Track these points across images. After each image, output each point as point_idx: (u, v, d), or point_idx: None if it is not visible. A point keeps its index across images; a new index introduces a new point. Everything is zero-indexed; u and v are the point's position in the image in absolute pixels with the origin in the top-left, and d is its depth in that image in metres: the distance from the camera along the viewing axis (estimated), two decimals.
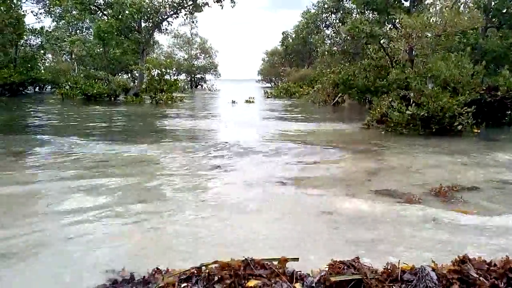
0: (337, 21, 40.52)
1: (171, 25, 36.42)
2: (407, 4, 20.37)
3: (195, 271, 2.54)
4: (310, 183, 6.43)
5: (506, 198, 5.67)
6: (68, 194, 5.60)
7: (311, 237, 4.13)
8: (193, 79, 64.72)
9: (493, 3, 18.85)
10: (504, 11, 18.99)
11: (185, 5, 33.82)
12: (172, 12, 34.41)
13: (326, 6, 42.62)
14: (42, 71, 37.45)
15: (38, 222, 4.45)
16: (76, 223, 4.46)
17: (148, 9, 32.07)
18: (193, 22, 52.77)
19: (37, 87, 40.22)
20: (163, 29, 36.47)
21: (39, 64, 37.86)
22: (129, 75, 47.41)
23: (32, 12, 36.43)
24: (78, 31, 46.52)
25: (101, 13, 32.70)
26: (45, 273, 3.34)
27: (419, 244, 3.89)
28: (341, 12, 38.98)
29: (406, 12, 18.17)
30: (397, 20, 19.30)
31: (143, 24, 33.20)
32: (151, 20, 33.57)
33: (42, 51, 39.74)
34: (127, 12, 29.50)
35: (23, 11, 32.67)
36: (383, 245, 3.88)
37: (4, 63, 32.34)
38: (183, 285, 2.44)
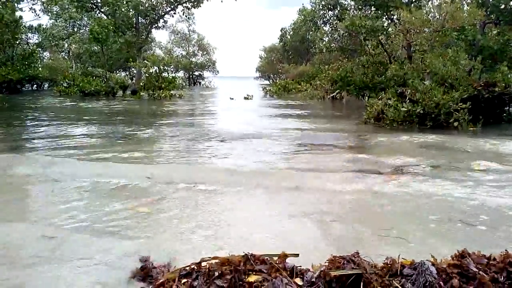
0: (335, 17, 40.45)
1: (167, 22, 36.55)
2: None
3: (195, 267, 2.54)
4: None
5: None
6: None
7: None
8: (191, 76, 64.64)
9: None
10: (502, 7, 18.98)
11: (183, 1, 33.74)
12: (169, 9, 34.35)
13: (323, 3, 42.57)
14: (40, 68, 37.39)
15: None
16: None
17: (145, 6, 32.02)
18: (189, 18, 52.71)
19: (35, 85, 40.14)
20: (160, 26, 36.51)
21: (37, 61, 37.79)
22: (127, 72, 47.37)
23: (30, 9, 36.31)
24: (75, 28, 46.42)
25: (97, 11, 32.64)
26: None
27: None
28: (338, 8, 38.90)
29: (405, 7, 18.15)
30: (396, 16, 19.31)
31: (140, 21, 33.14)
32: (148, 17, 33.52)
33: (39, 49, 39.65)
34: (123, 9, 29.44)
35: (19, 8, 32.62)
36: None
37: (1, 61, 32.29)
38: (183, 280, 2.44)
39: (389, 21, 21.50)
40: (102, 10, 31.85)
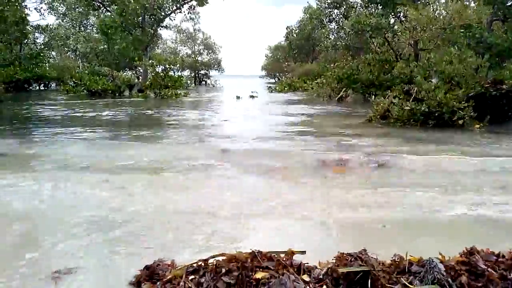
0: (341, 16, 40.39)
1: (172, 20, 36.83)
2: None
3: (203, 264, 2.54)
4: None
5: None
6: None
7: None
8: (197, 75, 64.63)
9: None
10: (509, 4, 18.79)
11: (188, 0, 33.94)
12: (175, 7, 34.50)
13: (329, 0, 42.50)
14: (47, 68, 37.63)
15: None
16: None
17: (152, 6, 32.15)
18: (193, 19, 52.71)
19: (42, 84, 40.36)
20: (165, 25, 36.72)
21: (44, 61, 38.05)
22: (134, 71, 47.48)
23: (35, 9, 36.61)
24: (82, 27, 46.68)
25: (104, 10, 32.85)
26: None
27: None
28: (345, 6, 38.83)
29: (412, 4, 18.03)
30: (402, 13, 19.21)
31: (146, 20, 33.29)
32: (154, 16, 33.68)
33: (46, 49, 39.94)
34: (131, 8, 29.56)
35: (27, 8, 32.88)
36: None
37: (9, 60, 32.53)
38: (190, 277, 2.45)
39: (396, 19, 21.39)
40: (109, 8, 32.03)
